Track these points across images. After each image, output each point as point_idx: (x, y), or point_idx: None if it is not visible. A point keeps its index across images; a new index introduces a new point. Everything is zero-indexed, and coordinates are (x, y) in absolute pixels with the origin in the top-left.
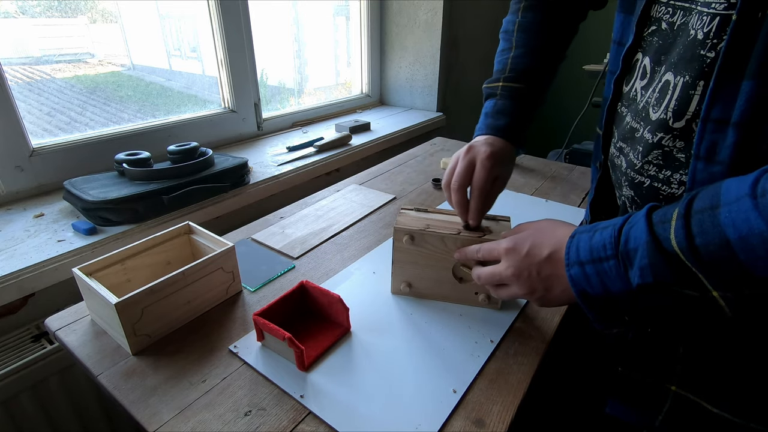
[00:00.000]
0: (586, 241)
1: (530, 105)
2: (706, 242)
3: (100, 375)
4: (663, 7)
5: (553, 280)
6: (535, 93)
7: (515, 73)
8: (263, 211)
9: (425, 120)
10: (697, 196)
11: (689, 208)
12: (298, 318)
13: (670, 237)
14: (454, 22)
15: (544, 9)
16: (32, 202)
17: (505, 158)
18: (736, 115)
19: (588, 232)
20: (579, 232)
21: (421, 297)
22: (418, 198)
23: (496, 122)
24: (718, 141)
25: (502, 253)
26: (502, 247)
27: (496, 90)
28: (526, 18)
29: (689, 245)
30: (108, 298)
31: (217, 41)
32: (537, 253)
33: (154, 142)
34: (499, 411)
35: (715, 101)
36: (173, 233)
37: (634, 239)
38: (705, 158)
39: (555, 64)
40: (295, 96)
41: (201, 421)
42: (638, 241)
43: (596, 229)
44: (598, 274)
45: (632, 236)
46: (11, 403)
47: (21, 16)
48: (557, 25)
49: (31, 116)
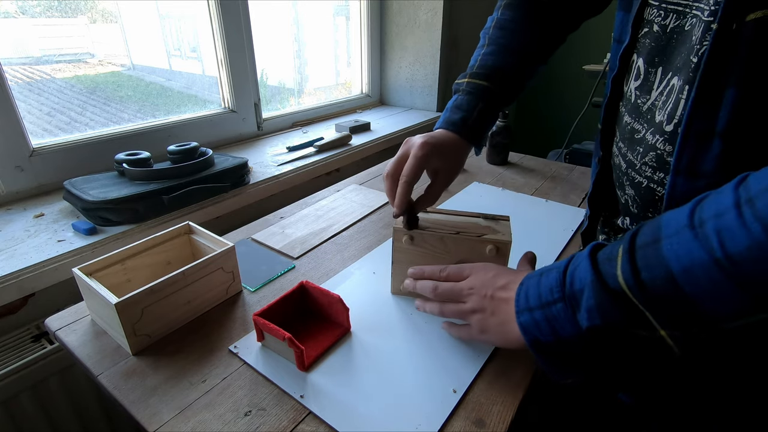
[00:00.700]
0: (534, 287)
1: (494, 103)
2: (652, 276)
3: (100, 375)
4: (655, 10)
5: (502, 306)
6: (501, 92)
7: (483, 69)
8: (263, 211)
9: (425, 120)
10: (640, 230)
11: (633, 244)
12: (298, 318)
13: (616, 273)
14: (454, 22)
15: (526, 7)
16: (32, 202)
17: (448, 152)
18: (721, 125)
19: (535, 277)
20: (527, 278)
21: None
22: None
23: (451, 116)
24: (702, 153)
25: (470, 270)
26: (476, 265)
27: (460, 86)
28: (504, 15)
29: (636, 281)
30: (108, 298)
31: (217, 41)
32: (499, 280)
33: (154, 142)
34: (500, 411)
35: (697, 109)
36: (173, 233)
37: (579, 280)
38: (685, 172)
39: (531, 66)
40: (295, 96)
41: (201, 421)
42: (584, 281)
43: (543, 272)
44: (547, 319)
45: (577, 277)
46: (11, 403)
47: (21, 16)
48: (539, 26)
49: (31, 116)
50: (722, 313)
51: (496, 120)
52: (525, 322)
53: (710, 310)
